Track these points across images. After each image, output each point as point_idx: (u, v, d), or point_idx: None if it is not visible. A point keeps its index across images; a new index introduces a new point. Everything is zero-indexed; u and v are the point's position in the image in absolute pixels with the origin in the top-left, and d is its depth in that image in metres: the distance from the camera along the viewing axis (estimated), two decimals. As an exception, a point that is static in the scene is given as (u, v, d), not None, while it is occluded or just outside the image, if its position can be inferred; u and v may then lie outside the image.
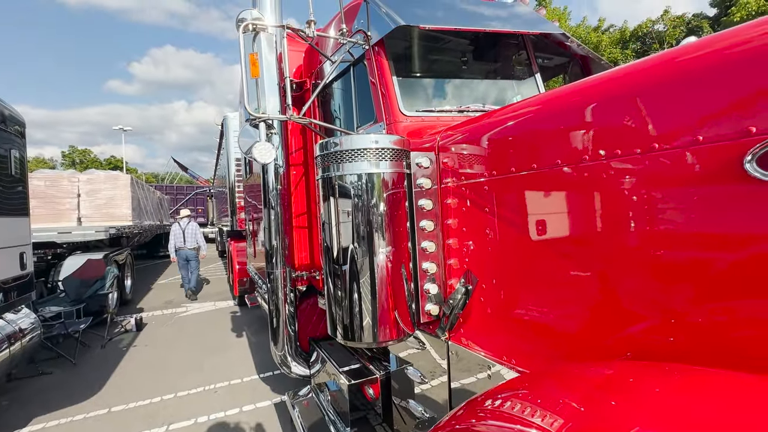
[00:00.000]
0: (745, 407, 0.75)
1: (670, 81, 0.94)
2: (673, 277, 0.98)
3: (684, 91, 0.91)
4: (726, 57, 0.85)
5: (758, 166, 0.78)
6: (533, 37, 2.34)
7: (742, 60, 0.82)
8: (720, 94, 0.84)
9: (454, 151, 1.67)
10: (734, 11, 14.99)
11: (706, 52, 0.90)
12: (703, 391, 0.82)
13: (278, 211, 3.03)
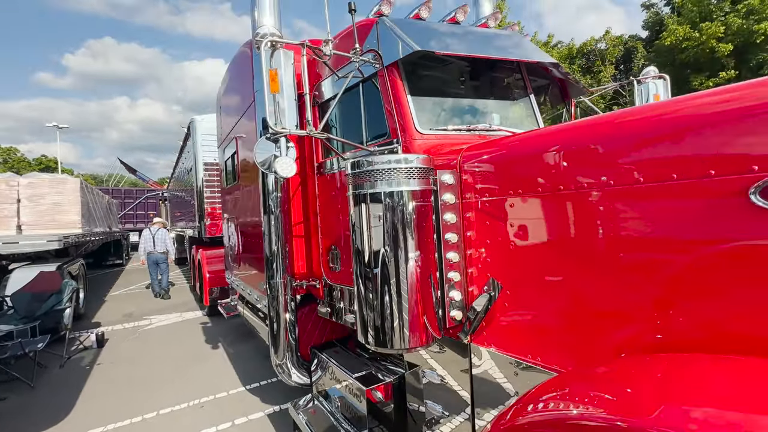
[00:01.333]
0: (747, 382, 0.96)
1: (691, 127, 1.16)
2: (681, 283, 1.19)
3: (702, 135, 1.12)
4: (735, 112, 1.08)
5: (759, 197, 1.01)
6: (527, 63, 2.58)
7: (746, 115, 1.05)
8: (729, 139, 1.07)
9: (474, 170, 1.83)
10: (665, 36, 16.78)
11: (721, 106, 1.13)
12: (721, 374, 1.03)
13: (279, 220, 3.05)
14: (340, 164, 2.72)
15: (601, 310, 1.39)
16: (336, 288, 2.91)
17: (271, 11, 2.76)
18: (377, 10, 2.55)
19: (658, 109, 1.33)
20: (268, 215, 3.06)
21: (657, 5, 22.39)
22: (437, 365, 2.16)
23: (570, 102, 3.32)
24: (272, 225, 3.05)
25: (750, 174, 1.03)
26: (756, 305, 1.07)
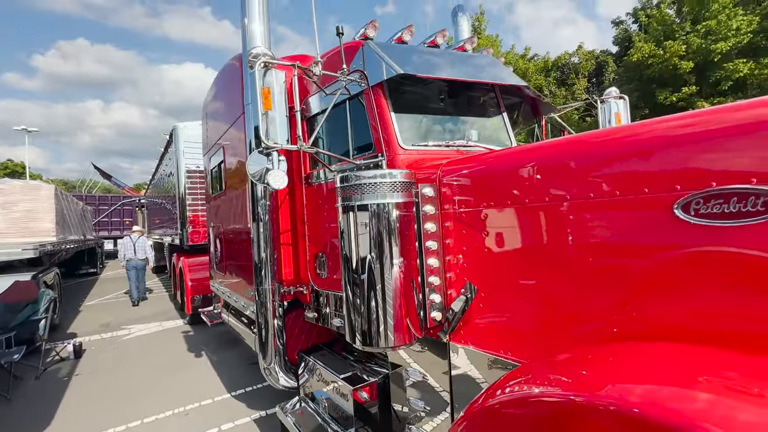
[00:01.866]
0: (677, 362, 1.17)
1: (630, 152, 1.38)
2: (623, 282, 1.40)
3: (637, 159, 1.35)
4: (666, 140, 1.30)
5: (682, 211, 1.23)
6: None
7: (675, 144, 1.27)
8: (657, 163, 1.29)
9: (452, 183, 2.02)
10: (632, 52, 17.73)
11: (654, 135, 1.36)
12: (644, 354, 1.23)
13: (267, 228, 3.16)
14: (327, 175, 2.87)
15: (565, 308, 1.58)
16: (323, 293, 3.04)
17: (260, 18, 2.93)
18: (363, 32, 2.74)
19: (604, 136, 1.55)
20: (257, 223, 3.17)
21: (626, 22, 23.63)
22: (419, 364, 2.32)
23: (541, 118, 3.60)
24: (261, 233, 3.16)
25: (674, 192, 1.25)
26: (683, 301, 1.28)
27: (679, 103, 16.85)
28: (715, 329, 1.22)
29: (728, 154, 1.16)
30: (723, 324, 1.20)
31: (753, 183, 1.10)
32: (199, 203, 7.80)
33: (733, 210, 1.13)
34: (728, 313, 1.19)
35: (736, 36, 15.12)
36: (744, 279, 1.15)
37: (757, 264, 1.11)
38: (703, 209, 1.19)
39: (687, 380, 1.08)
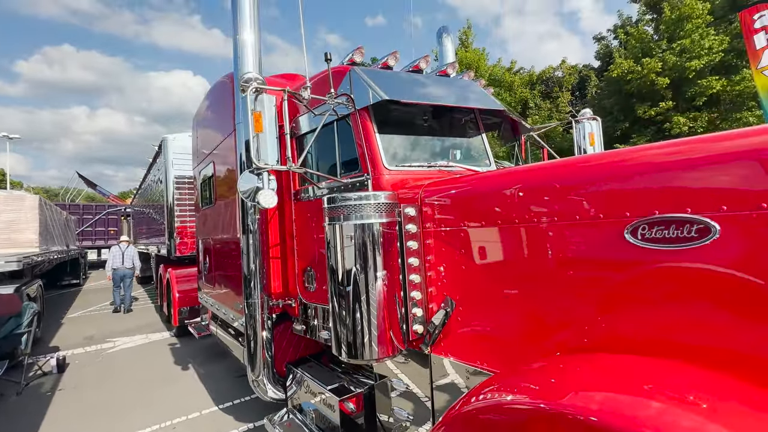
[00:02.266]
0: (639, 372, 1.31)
1: (587, 181, 1.54)
2: (585, 297, 1.55)
3: (593, 188, 1.50)
4: (618, 171, 1.46)
5: (631, 236, 1.38)
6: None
7: (625, 175, 1.43)
8: (610, 192, 1.45)
9: (433, 203, 2.16)
10: (613, 68, 18.40)
11: (608, 166, 1.52)
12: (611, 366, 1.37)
13: (257, 242, 3.25)
14: (315, 192, 2.99)
15: (536, 321, 1.72)
16: (311, 306, 3.13)
17: (251, 28, 3.07)
18: (350, 57, 2.89)
19: (566, 165, 1.71)
20: (247, 236, 3.25)
21: (607, 38, 24.51)
22: (403, 375, 2.42)
23: (520, 137, 3.79)
24: (250, 245, 3.25)
25: (624, 218, 1.40)
26: (637, 315, 1.43)
27: (657, 117, 17.51)
28: (664, 340, 1.37)
29: (668, 185, 1.32)
30: (670, 335, 1.35)
31: (688, 212, 1.26)
32: (188, 214, 7.80)
33: (672, 235, 1.29)
34: (673, 326, 1.34)
35: (708, 54, 15.86)
36: (683, 296, 1.30)
37: (692, 284, 1.27)
38: (648, 234, 1.34)
39: (641, 389, 1.21)
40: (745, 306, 1.18)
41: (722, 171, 1.22)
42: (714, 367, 1.23)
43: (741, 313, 1.19)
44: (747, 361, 1.18)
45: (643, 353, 1.40)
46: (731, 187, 1.19)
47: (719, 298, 1.23)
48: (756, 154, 1.17)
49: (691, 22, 16.37)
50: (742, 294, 1.18)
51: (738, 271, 1.18)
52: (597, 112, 20.25)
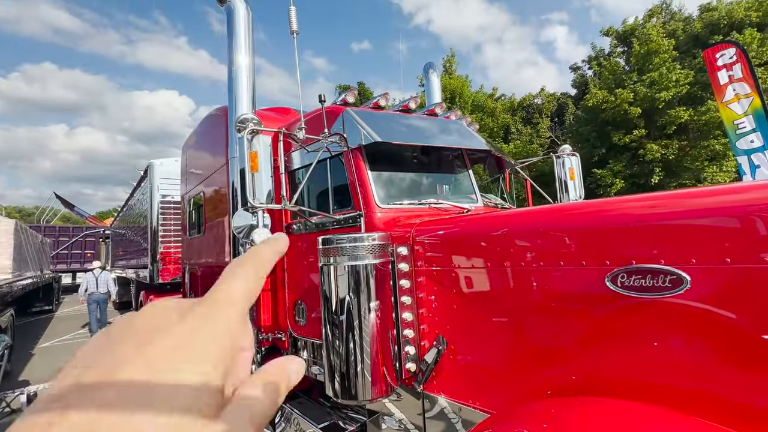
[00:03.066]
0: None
1: (571, 231, 1.65)
2: (571, 339, 1.63)
3: (577, 237, 1.61)
4: (599, 223, 1.57)
5: (611, 283, 1.48)
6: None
7: (603, 228, 1.54)
8: (592, 243, 1.55)
9: (424, 242, 2.24)
10: (588, 97, 19.35)
11: (590, 217, 1.63)
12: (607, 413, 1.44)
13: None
14: (308, 226, 3.03)
15: (528, 360, 1.78)
16: (301, 340, 3.12)
17: (246, 51, 3.16)
18: (343, 98, 3.01)
19: (552, 212, 1.83)
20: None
21: (582, 68, 25.87)
22: (395, 413, 2.43)
23: (504, 171, 3.96)
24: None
25: (605, 266, 1.51)
26: (618, 356, 1.51)
27: (632, 143, 18.36)
28: (646, 382, 1.45)
29: (645, 238, 1.44)
30: (651, 377, 1.43)
31: (662, 263, 1.37)
32: (172, 239, 7.68)
33: (648, 284, 1.39)
34: (652, 369, 1.42)
35: (676, 87, 16.90)
36: (660, 341, 1.39)
37: (668, 330, 1.36)
38: (627, 282, 1.45)
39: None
40: (715, 351, 1.28)
41: (691, 227, 1.35)
42: (687, 407, 1.31)
43: (712, 359, 1.29)
44: (717, 401, 1.27)
45: (627, 393, 1.48)
46: (700, 242, 1.31)
47: (692, 344, 1.32)
48: (721, 212, 1.30)
49: (658, 57, 17.49)
50: (712, 340, 1.28)
51: (707, 319, 1.29)
52: (575, 138, 21.07)
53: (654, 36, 17.92)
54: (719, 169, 16.90)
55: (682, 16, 21.24)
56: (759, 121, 8.89)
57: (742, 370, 1.24)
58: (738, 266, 1.23)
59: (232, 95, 3.19)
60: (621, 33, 20.94)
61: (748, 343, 1.22)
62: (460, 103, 23.96)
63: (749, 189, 1.40)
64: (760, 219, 1.20)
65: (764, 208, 1.20)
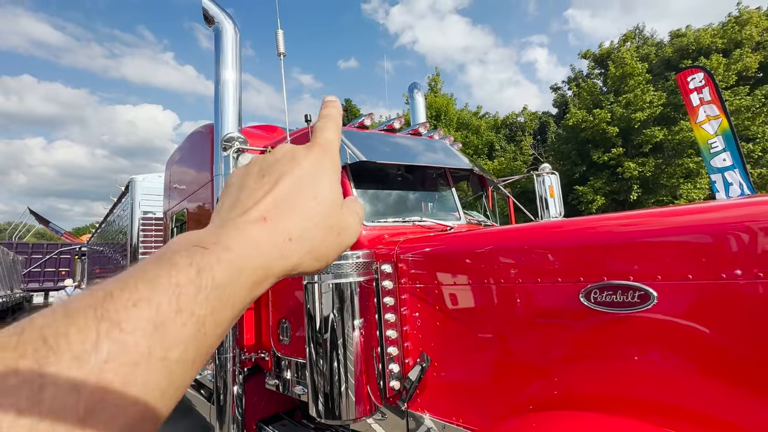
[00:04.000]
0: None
1: (547, 248, 1.71)
2: (550, 354, 1.67)
3: (552, 255, 1.67)
4: (575, 240, 1.64)
5: (585, 299, 1.54)
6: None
7: (580, 246, 1.61)
8: (566, 259, 1.62)
9: (408, 260, 2.28)
10: (568, 117, 20.06)
11: (566, 235, 1.70)
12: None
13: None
14: (293, 244, 3.04)
15: (510, 376, 1.81)
16: (284, 360, 3.08)
17: (233, 66, 3.20)
18: (329, 117, 3.08)
19: (528, 231, 1.90)
20: None
21: (562, 88, 26.87)
22: (380, 431, 2.40)
23: (487, 189, 4.06)
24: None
25: (579, 283, 1.57)
26: (595, 371, 1.56)
27: (611, 161, 19.02)
28: (621, 396, 1.49)
29: (615, 255, 1.51)
30: (625, 391, 1.48)
31: (631, 279, 1.44)
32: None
33: (619, 300, 1.46)
34: (626, 383, 1.47)
35: (650, 107, 17.71)
36: (631, 355, 1.44)
37: (637, 344, 1.42)
38: (600, 298, 1.51)
39: None
40: (684, 365, 1.34)
41: (658, 244, 1.42)
42: (659, 419, 1.36)
43: (680, 373, 1.34)
44: (685, 413, 1.32)
45: (606, 407, 1.52)
46: (665, 259, 1.39)
47: (662, 358, 1.38)
48: (684, 231, 1.38)
49: (633, 79, 18.36)
50: (680, 354, 1.34)
51: (675, 333, 1.35)
52: (557, 156, 21.70)
53: (628, 59, 18.84)
54: (693, 186, 17.61)
55: (654, 41, 22.43)
56: (728, 141, 9.37)
57: (708, 383, 1.29)
58: (699, 282, 1.30)
59: (219, 113, 3.22)
60: (598, 56, 21.94)
61: (713, 357, 1.28)
62: (445, 121, 24.51)
63: (710, 210, 1.49)
64: (719, 238, 1.28)
65: (722, 228, 1.29)
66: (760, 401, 1.20)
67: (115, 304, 0.26)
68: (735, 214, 1.34)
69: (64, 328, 0.24)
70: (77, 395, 0.23)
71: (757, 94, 16.72)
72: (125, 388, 0.25)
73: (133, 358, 0.26)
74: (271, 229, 0.38)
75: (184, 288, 0.29)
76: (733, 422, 1.24)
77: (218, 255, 0.33)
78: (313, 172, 0.43)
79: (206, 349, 0.31)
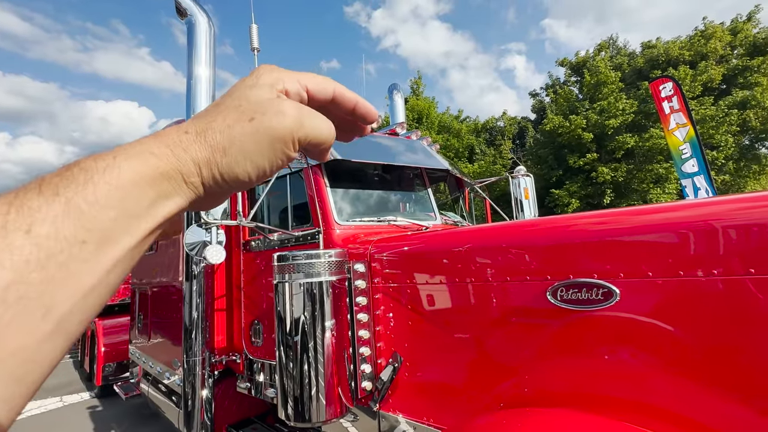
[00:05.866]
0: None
1: (517, 248, 1.72)
2: (519, 352, 1.68)
3: (521, 254, 1.69)
4: (540, 239, 1.66)
5: (552, 296, 1.56)
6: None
7: (549, 246, 1.63)
8: (534, 258, 1.64)
9: (381, 259, 2.26)
10: (546, 122, 20.58)
11: (533, 234, 1.72)
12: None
13: (201, 293, 3.10)
14: (266, 243, 2.97)
15: (480, 375, 1.81)
16: (257, 362, 3.00)
17: (206, 63, 3.10)
18: (304, 115, 3.03)
19: (498, 230, 1.91)
20: (191, 284, 3.09)
21: (540, 94, 27.54)
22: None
23: (464, 190, 4.09)
24: (194, 294, 3.08)
25: (546, 281, 1.58)
26: (563, 368, 1.57)
27: (586, 166, 19.61)
28: (584, 391, 1.52)
29: (581, 253, 1.53)
30: (591, 388, 1.50)
31: (595, 277, 1.46)
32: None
33: (584, 297, 1.48)
34: (592, 379, 1.49)
35: (623, 115, 18.36)
36: (596, 352, 1.47)
37: (602, 341, 1.45)
38: (566, 296, 1.53)
39: None
40: (645, 362, 1.37)
41: (620, 243, 1.45)
42: (624, 415, 1.38)
43: (642, 369, 1.37)
44: (649, 409, 1.35)
45: (573, 404, 1.54)
46: (626, 257, 1.42)
47: (625, 354, 1.41)
48: (643, 230, 1.41)
49: (607, 87, 19.01)
50: (643, 350, 1.37)
51: (636, 330, 1.38)
52: (535, 160, 22.20)
53: (602, 68, 19.51)
54: (662, 191, 18.35)
55: (626, 51, 23.32)
56: (694, 149, 9.81)
57: (671, 379, 1.32)
58: (659, 280, 1.33)
59: (191, 109, 3.11)
60: (574, 64, 22.62)
61: (675, 353, 1.31)
62: (427, 124, 24.71)
63: (670, 209, 1.53)
64: (675, 236, 1.32)
65: (678, 226, 1.33)
66: (719, 396, 1.23)
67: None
68: (692, 213, 1.39)
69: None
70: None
71: (720, 104, 17.59)
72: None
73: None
74: (166, 130, 0.34)
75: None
76: (696, 418, 1.27)
77: (104, 162, 0.30)
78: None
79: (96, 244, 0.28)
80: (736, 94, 17.89)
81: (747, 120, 17.37)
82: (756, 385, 1.17)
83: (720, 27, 19.43)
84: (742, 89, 18.22)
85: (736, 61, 18.81)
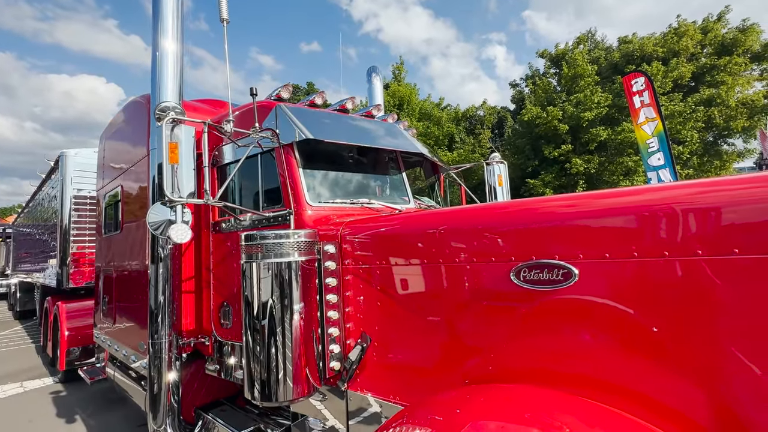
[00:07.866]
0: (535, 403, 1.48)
1: (482, 230, 1.75)
2: (484, 331, 1.73)
3: (486, 236, 1.71)
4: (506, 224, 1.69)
5: (515, 277, 1.59)
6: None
7: (512, 230, 1.66)
8: (499, 240, 1.67)
9: (352, 241, 2.25)
10: (524, 113, 20.85)
11: (499, 216, 1.75)
12: (509, 396, 1.53)
13: (168, 274, 3.00)
14: (236, 224, 2.90)
15: (447, 353, 1.84)
16: (226, 344, 2.96)
17: (173, 36, 2.95)
18: (277, 93, 2.94)
19: (465, 213, 1.93)
20: (156, 266, 2.98)
21: (520, 85, 27.77)
22: (321, 413, 2.39)
23: (439, 176, 4.11)
24: (160, 276, 2.98)
25: (510, 262, 1.62)
26: (526, 345, 1.62)
27: (561, 157, 20.07)
28: (545, 368, 1.57)
29: (543, 235, 1.57)
30: (549, 364, 1.56)
31: (556, 258, 1.51)
32: (87, 238, 6.92)
33: (545, 278, 1.52)
34: (554, 356, 1.55)
35: (597, 108, 18.80)
36: (557, 330, 1.52)
37: (563, 320, 1.50)
38: (528, 276, 1.57)
39: (527, 418, 1.37)
40: (604, 339, 1.43)
41: (579, 226, 1.50)
42: (583, 390, 1.45)
43: (599, 346, 1.44)
44: (603, 385, 1.42)
45: (535, 380, 1.59)
46: (585, 238, 1.46)
47: (585, 332, 1.47)
48: (600, 214, 1.46)
49: (583, 80, 19.37)
50: (601, 329, 1.43)
51: (594, 309, 1.44)
52: (512, 149, 22.48)
53: (580, 61, 19.83)
54: (631, 183, 19.05)
55: (604, 45, 23.74)
56: (661, 142, 10.19)
57: (626, 355, 1.39)
58: (615, 261, 1.38)
59: (156, 82, 2.95)
60: (554, 56, 22.87)
61: (630, 330, 1.37)
62: (407, 110, 24.55)
63: (627, 194, 1.58)
64: (630, 219, 1.37)
65: (632, 210, 1.38)
66: (672, 372, 1.29)
67: None
68: (645, 198, 1.44)
69: None
70: None
71: (689, 101, 18.29)
72: None
73: None
74: None
75: None
76: (649, 393, 1.33)
77: None
78: None
79: None
80: (704, 92, 18.63)
81: (712, 117, 18.18)
82: (707, 362, 1.24)
83: (692, 25, 20.05)
84: (709, 87, 18.99)
85: (705, 59, 19.53)
